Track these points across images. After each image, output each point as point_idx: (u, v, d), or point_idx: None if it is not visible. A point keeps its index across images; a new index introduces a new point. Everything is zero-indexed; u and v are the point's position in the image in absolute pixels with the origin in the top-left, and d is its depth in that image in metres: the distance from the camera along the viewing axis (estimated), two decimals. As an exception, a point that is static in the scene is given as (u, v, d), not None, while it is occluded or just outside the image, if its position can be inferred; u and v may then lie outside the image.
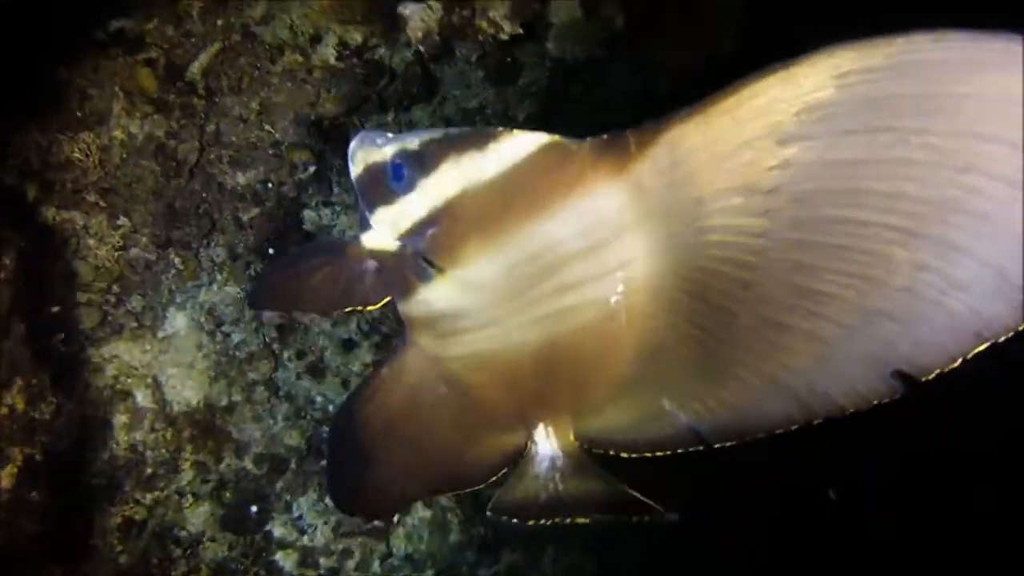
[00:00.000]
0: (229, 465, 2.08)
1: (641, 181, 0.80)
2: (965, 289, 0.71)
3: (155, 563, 1.98)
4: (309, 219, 2.10)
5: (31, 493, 1.54)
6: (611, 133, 0.81)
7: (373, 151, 0.93)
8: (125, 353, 1.97)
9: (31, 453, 1.54)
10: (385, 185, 0.91)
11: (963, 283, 0.71)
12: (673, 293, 0.85)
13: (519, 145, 0.84)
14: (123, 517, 1.95)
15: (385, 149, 0.91)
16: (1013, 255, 0.69)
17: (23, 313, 1.63)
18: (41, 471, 1.59)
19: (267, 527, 2.11)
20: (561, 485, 1.00)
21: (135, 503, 1.97)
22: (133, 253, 1.95)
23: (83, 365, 1.92)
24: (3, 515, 1.51)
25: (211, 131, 1.97)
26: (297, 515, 2.14)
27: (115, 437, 1.96)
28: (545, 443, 1.01)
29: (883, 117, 0.70)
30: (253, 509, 2.08)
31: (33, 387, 1.57)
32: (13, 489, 1.50)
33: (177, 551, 2.01)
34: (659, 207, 0.81)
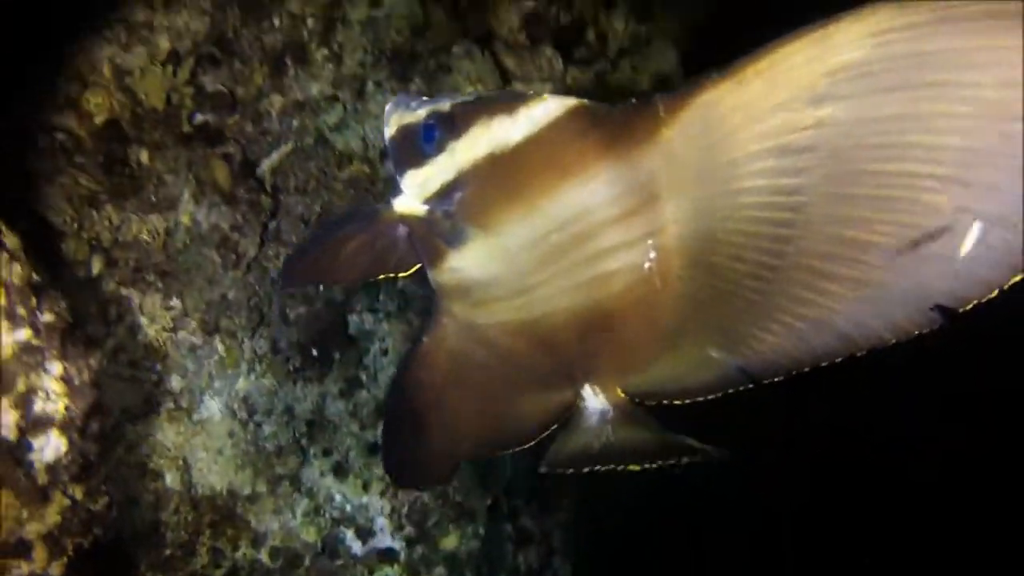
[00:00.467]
0: (244, 555, 2.08)
1: (672, 146, 0.81)
2: (1003, 225, 0.74)
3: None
4: (353, 323, 2.12)
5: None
6: (640, 98, 0.82)
7: (407, 113, 0.93)
8: (159, 433, 2.00)
9: (81, 542, 1.55)
10: (416, 147, 0.91)
11: (1002, 219, 0.74)
12: (710, 255, 0.87)
13: (548, 109, 0.85)
14: (131, 597, 1.97)
15: (419, 111, 0.91)
16: None
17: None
18: (88, 559, 1.60)
19: (269, 623, 2.10)
20: (613, 435, 1.01)
21: (145, 583, 1.99)
22: (181, 336, 2.00)
23: (118, 441, 1.96)
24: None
25: (272, 228, 2.02)
26: (301, 615, 2.13)
27: (141, 515, 1.98)
28: (594, 399, 1.02)
29: (924, 72, 0.72)
30: (258, 603, 2.08)
31: (92, 480, 1.60)
32: (62, 576, 1.51)
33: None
34: (691, 171, 0.82)
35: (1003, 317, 0.86)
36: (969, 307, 0.80)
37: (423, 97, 0.94)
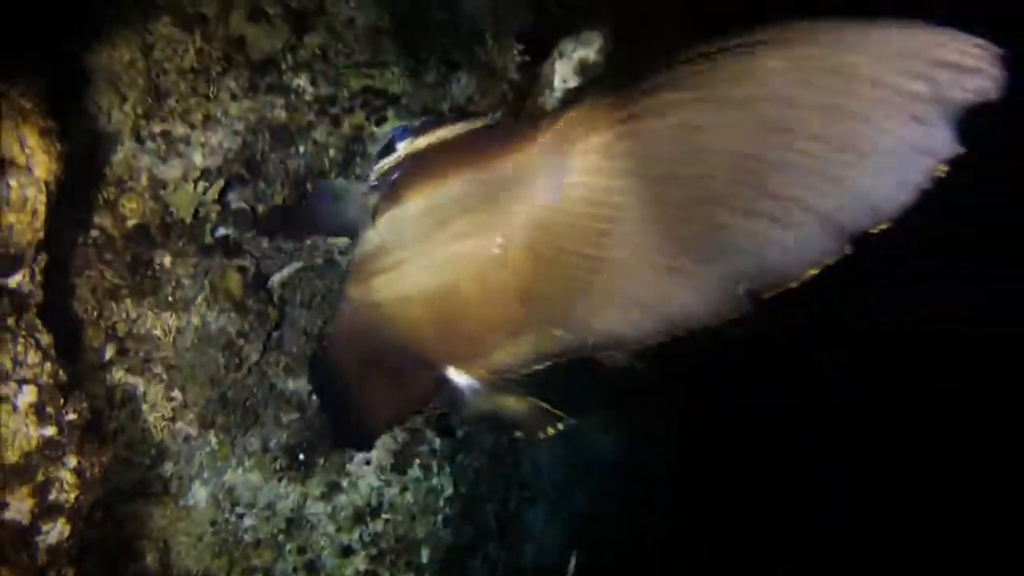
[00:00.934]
0: (210, 638, 2.20)
1: (534, 151, 1.02)
2: (798, 224, 0.91)
3: None
4: (342, 429, 2.25)
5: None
6: (532, 117, 1.04)
7: (393, 127, 1.18)
8: (146, 514, 2.14)
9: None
10: (392, 144, 1.13)
11: (796, 220, 0.91)
12: (544, 245, 1.03)
13: (471, 123, 1.10)
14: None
15: (399, 125, 1.16)
16: (837, 202, 0.88)
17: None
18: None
19: None
20: (485, 405, 1.16)
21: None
22: (178, 426, 2.15)
23: (108, 519, 2.10)
24: None
25: (276, 337, 2.17)
26: None
27: (116, 593, 2.11)
28: (458, 378, 1.16)
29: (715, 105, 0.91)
30: None
31: (85, 562, 1.73)
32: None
33: None
34: (540, 170, 1.01)
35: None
36: (771, 295, 0.95)
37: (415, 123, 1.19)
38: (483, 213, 1.05)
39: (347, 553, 2.29)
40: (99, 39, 2.10)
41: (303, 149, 2.15)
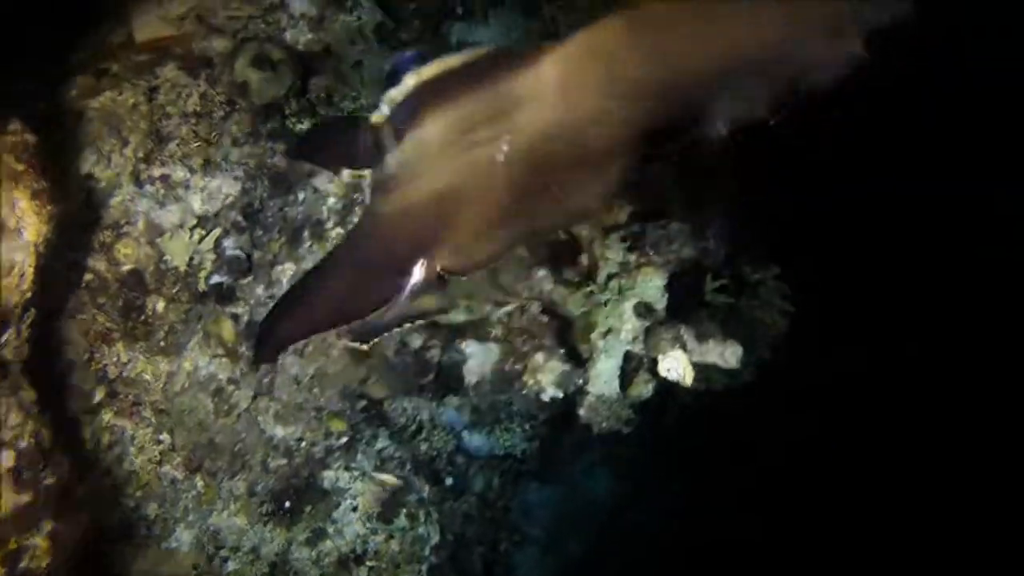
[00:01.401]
0: None
1: (540, 72, 1.15)
2: None
3: None
4: (328, 478, 2.24)
5: None
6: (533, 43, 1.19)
7: (400, 56, 1.23)
8: (129, 556, 2.14)
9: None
10: (397, 75, 1.19)
11: None
12: (542, 153, 1.17)
13: (479, 51, 1.20)
14: None
15: (409, 54, 1.23)
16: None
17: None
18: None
19: None
20: (406, 308, 1.26)
21: None
22: (165, 469, 2.15)
23: (89, 561, 2.10)
24: None
25: (267, 383, 2.16)
26: None
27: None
28: (416, 275, 1.25)
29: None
30: None
31: None
32: None
33: None
34: (546, 88, 1.15)
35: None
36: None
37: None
38: (493, 126, 1.16)
39: (329, 600, 2.28)
40: (103, 82, 2.10)
41: (302, 197, 2.15)
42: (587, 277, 1.97)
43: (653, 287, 1.96)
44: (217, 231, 2.03)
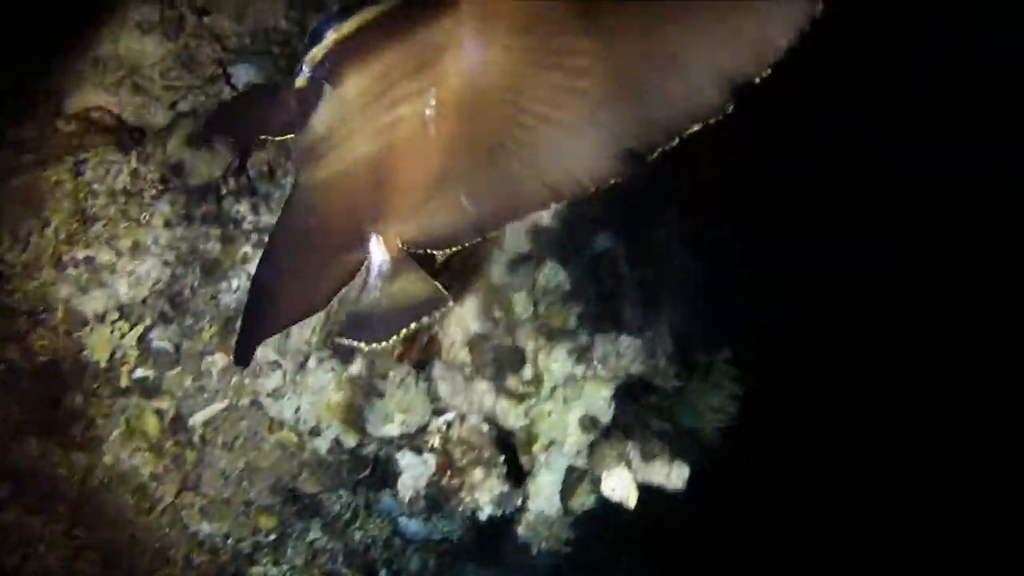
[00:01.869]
0: None
1: (461, 19, 1.06)
2: None
3: None
4: (255, 574, 2.15)
5: None
6: None
7: (324, 15, 1.15)
8: (37, 659, 2.02)
9: None
10: (317, 36, 1.13)
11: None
12: (470, 106, 1.08)
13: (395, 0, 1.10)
14: None
15: (334, 11, 1.14)
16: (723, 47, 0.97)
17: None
18: None
19: None
20: (387, 288, 1.18)
21: None
22: (79, 566, 2.03)
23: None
24: None
25: (193, 477, 2.05)
26: None
27: None
28: (377, 251, 1.18)
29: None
30: None
31: None
32: None
33: None
34: (467, 36, 1.07)
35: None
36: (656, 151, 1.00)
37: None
38: (416, 79, 1.10)
39: None
40: (24, 157, 1.97)
41: (236, 284, 2.04)
42: (531, 388, 1.89)
43: (600, 399, 1.89)
44: (141, 327, 1.91)
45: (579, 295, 1.99)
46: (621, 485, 1.85)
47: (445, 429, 1.90)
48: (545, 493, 1.90)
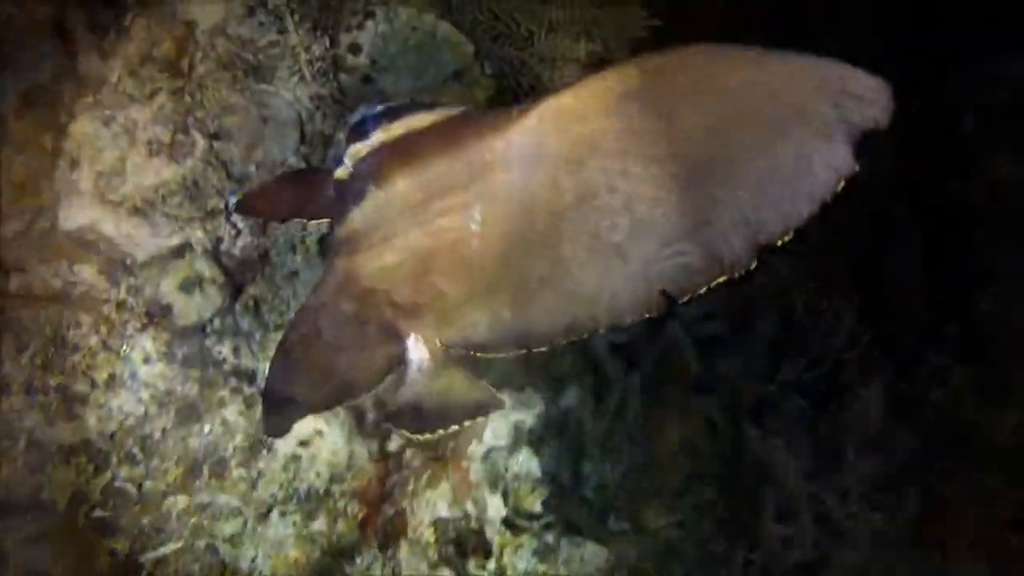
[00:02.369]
0: None
1: (511, 137, 1.13)
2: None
3: None
4: None
5: None
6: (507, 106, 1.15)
7: (366, 108, 1.22)
8: None
9: None
10: (363, 129, 1.19)
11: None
12: (514, 223, 1.14)
13: (450, 110, 1.18)
14: None
15: (375, 107, 1.21)
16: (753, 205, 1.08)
17: None
18: None
19: None
20: (430, 386, 1.23)
21: None
22: None
23: None
24: None
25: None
26: None
27: None
28: (415, 349, 1.23)
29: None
30: None
31: None
32: None
33: None
34: (517, 153, 1.13)
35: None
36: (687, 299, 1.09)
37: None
38: (464, 192, 1.16)
39: None
40: (12, 279, 1.93)
41: (208, 429, 2.01)
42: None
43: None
44: (107, 472, 1.88)
45: (550, 482, 2.00)
46: None
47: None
48: None
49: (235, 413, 2.05)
